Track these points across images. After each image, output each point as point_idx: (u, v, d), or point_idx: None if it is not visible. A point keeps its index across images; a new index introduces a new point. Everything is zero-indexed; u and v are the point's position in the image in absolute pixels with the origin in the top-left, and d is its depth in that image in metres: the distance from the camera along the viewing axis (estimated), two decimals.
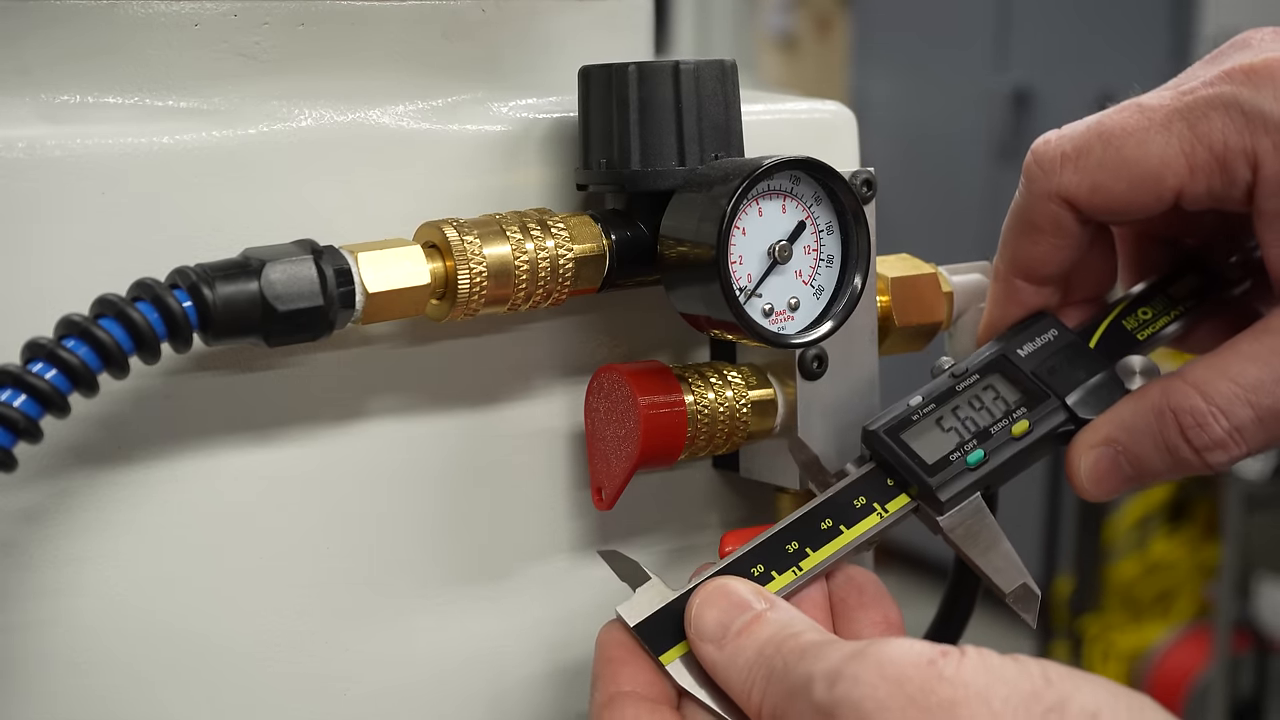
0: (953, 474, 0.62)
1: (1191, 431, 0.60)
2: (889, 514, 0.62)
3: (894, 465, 0.62)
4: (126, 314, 0.51)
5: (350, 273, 0.56)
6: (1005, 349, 0.65)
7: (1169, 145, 0.59)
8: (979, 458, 0.62)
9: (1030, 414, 0.63)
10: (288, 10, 0.59)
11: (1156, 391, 0.61)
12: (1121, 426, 0.62)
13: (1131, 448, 0.62)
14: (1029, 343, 0.65)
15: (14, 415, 0.49)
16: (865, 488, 0.62)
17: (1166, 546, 3.08)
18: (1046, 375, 0.64)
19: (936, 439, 0.62)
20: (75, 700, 0.57)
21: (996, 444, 0.63)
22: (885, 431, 0.62)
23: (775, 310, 0.61)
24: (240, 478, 0.59)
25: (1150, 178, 0.60)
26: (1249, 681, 2.75)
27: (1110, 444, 0.62)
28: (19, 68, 0.58)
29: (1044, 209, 0.62)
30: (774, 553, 0.60)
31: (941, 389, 0.64)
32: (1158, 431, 0.61)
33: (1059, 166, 0.62)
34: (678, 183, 0.61)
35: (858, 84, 4.24)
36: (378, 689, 0.63)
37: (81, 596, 0.56)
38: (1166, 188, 0.60)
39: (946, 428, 0.63)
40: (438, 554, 0.64)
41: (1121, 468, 0.62)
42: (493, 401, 0.64)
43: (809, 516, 0.61)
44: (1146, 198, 0.60)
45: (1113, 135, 0.60)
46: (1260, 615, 2.79)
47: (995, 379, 0.64)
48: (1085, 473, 0.63)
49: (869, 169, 0.66)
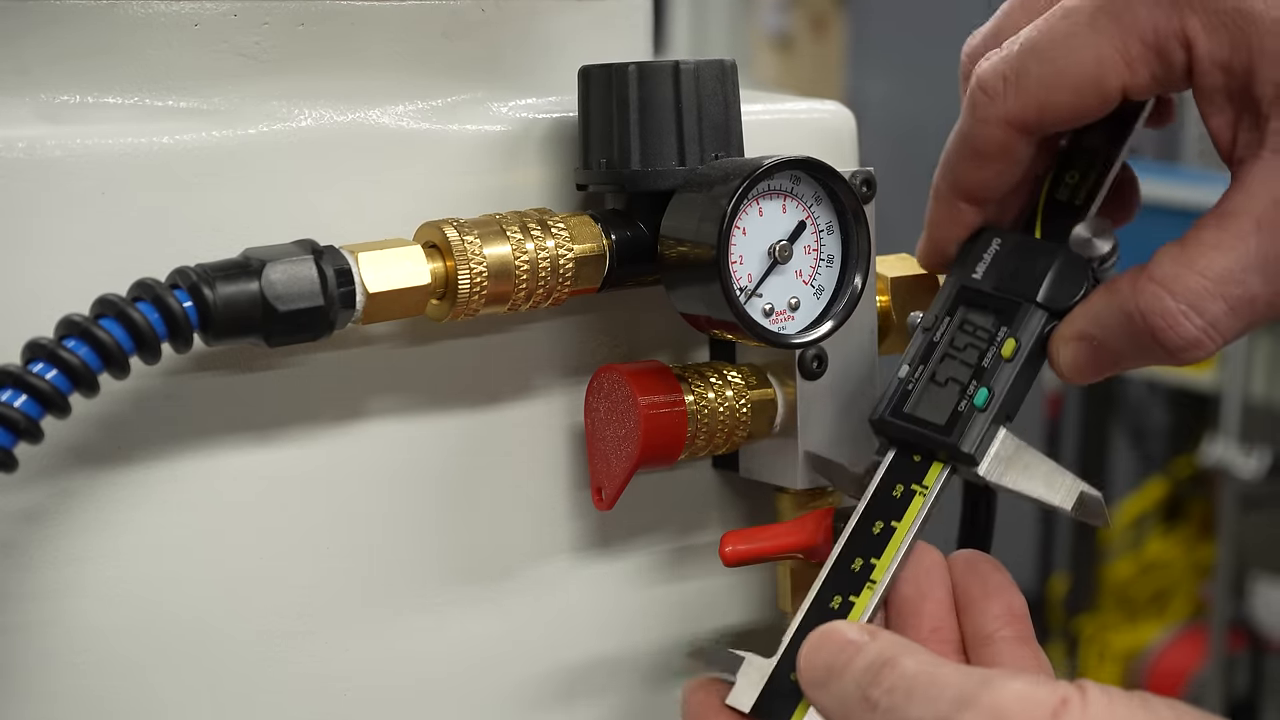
0: (969, 423, 0.61)
1: (1162, 334, 0.58)
2: (930, 489, 0.61)
3: (912, 442, 0.61)
4: (127, 314, 0.51)
5: (351, 273, 0.56)
6: (961, 279, 0.64)
7: (1101, 45, 0.58)
8: (985, 396, 0.61)
9: (1011, 329, 0.62)
10: (288, 10, 0.59)
11: (1126, 289, 0.59)
12: (1095, 322, 0.60)
13: (1107, 343, 0.60)
14: (979, 262, 0.63)
15: (14, 415, 0.49)
16: (897, 475, 0.62)
17: (1162, 546, 3.08)
18: (1009, 283, 0.62)
19: (939, 397, 0.61)
20: (76, 700, 0.57)
21: (994, 374, 0.61)
22: (890, 413, 0.62)
23: (775, 310, 0.61)
24: (240, 478, 0.59)
25: (1091, 82, 0.58)
26: (1244, 681, 2.76)
27: (1086, 338, 0.61)
28: (18, 67, 0.58)
29: (993, 135, 0.61)
30: (842, 577, 0.60)
31: (921, 347, 0.63)
32: (1130, 332, 0.59)
33: (1003, 91, 0.60)
34: (678, 183, 0.61)
35: (853, 84, 4.24)
36: (377, 689, 0.63)
37: (82, 597, 0.56)
38: (1110, 88, 0.58)
39: (943, 381, 0.62)
40: (437, 554, 0.64)
41: (1100, 359, 0.61)
42: (493, 401, 0.64)
43: (859, 527, 0.61)
44: (1092, 101, 0.59)
45: (1044, 48, 0.59)
46: (1255, 615, 2.80)
47: (965, 312, 0.63)
48: (1066, 364, 0.61)
49: (869, 168, 0.66)
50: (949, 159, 0.63)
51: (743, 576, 0.70)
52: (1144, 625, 3.04)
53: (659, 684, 0.60)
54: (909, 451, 0.62)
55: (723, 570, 0.67)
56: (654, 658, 0.68)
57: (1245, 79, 0.57)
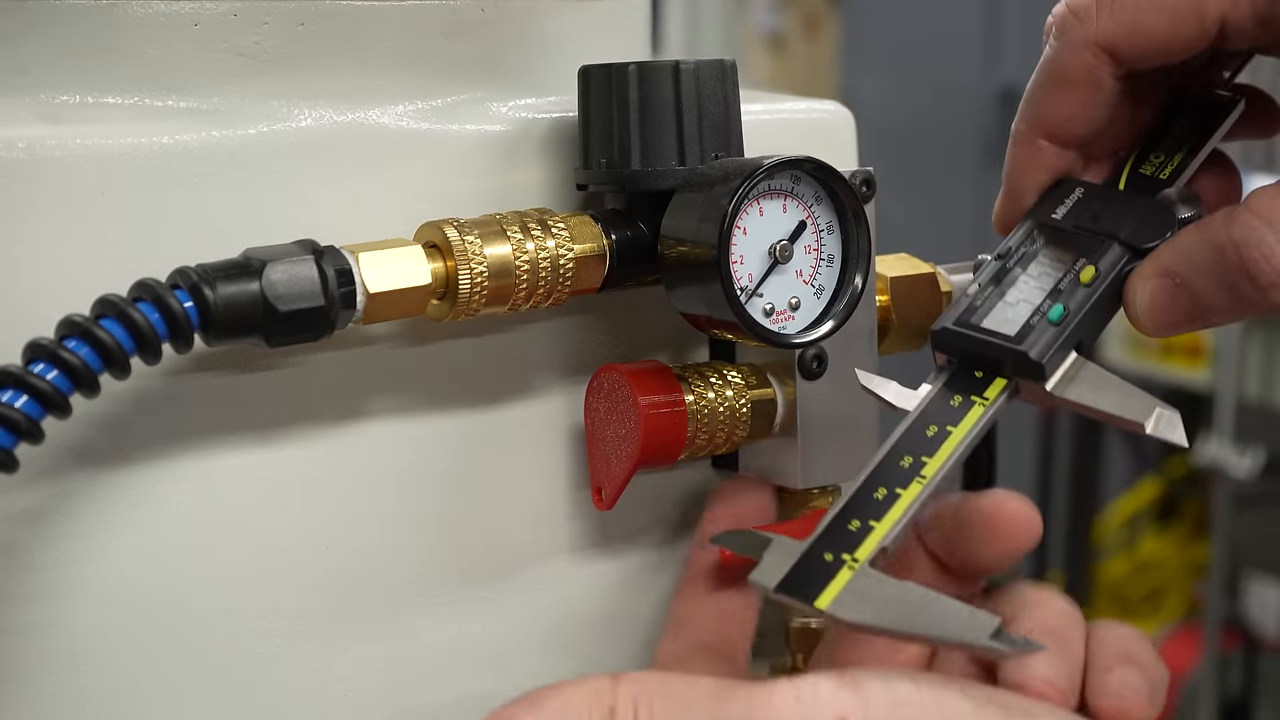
0: (1040, 335, 0.58)
1: (1256, 266, 0.55)
2: (991, 401, 0.58)
3: (978, 353, 0.59)
4: (128, 314, 0.51)
5: (351, 273, 0.56)
6: (1039, 217, 0.61)
7: None
8: (1060, 312, 0.58)
9: (1091, 259, 0.59)
10: (288, 10, 0.59)
11: (1220, 221, 0.56)
12: (1181, 257, 0.57)
13: (1190, 280, 0.57)
14: (1060, 205, 0.61)
15: (15, 416, 0.49)
16: (956, 387, 0.59)
17: (1156, 545, 3.09)
18: (1091, 224, 0.60)
19: (1009, 313, 0.59)
20: (76, 701, 0.57)
21: (1070, 296, 0.59)
22: (956, 323, 0.59)
23: (776, 310, 0.61)
24: (240, 478, 0.59)
25: (1191, 7, 0.56)
26: (1238, 680, 2.76)
27: (1168, 275, 0.57)
28: (18, 67, 0.58)
29: (1079, 59, 0.59)
30: (890, 472, 0.56)
31: (993, 271, 0.61)
32: (1219, 266, 0.55)
33: (1094, 11, 0.58)
34: (678, 182, 0.61)
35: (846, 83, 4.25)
36: (378, 689, 0.63)
37: (82, 598, 0.56)
38: (1209, 17, 0.56)
39: (1014, 301, 0.59)
40: (437, 554, 0.64)
41: (1179, 301, 0.57)
42: (493, 401, 0.64)
43: (913, 427, 0.57)
44: (1190, 31, 0.57)
45: None
46: (1249, 614, 2.80)
47: (1042, 245, 0.61)
48: (1141, 305, 0.58)
49: (868, 168, 0.66)
50: (1030, 94, 0.61)
51: None
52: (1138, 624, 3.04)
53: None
54: (972, 364, 0.59)
55: None
56: (654, 659, 0.68)
57: None
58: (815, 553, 0.54)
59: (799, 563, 0.54)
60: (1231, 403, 2.59)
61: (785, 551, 0.55)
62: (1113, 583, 3.08)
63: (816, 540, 0.55)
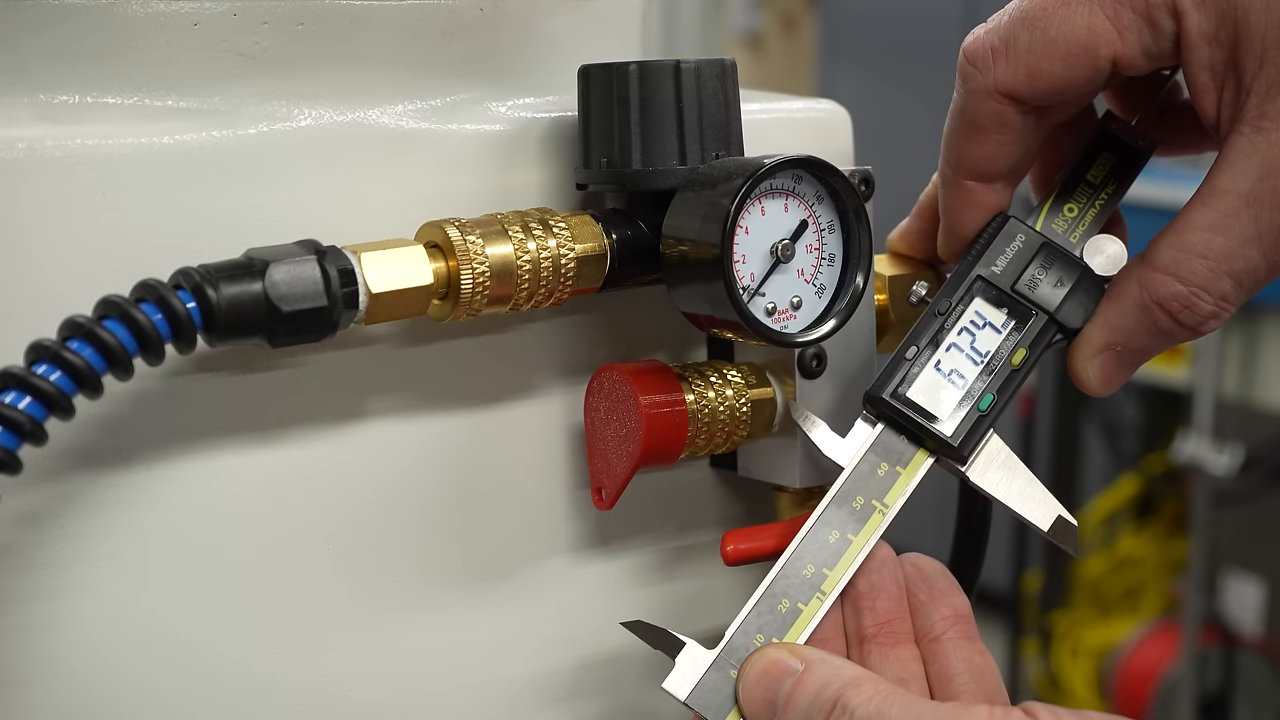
0: (968, 423, 0.61)
1: (1182, 315, 0.61)
2: (912, 474, 0.62)
3: (904, 425, 0.62)
4: (131, 315, 0.51)
5: (354, 273, 0.56)
6: (980, 269, 0.64)
7: (1093, 14, 0.59)
8: (989, 401, 0.62)
9: (1022, 337, 0.63)
10: (287, 10, 0.59)
11: (1134, 288, 0.62)
12: (1116, 330, 0.63)
13: (1129, 344, 0.63)
14: (1001, 255, 0.64)
15: (19, 417, 0.49)
16: (882, 453, 0.62)
17: (1134, 543, 3.09)
18: (1028, 290, 0.63)
19: (942, 391, 0.62)
20: (77, 701, 0.56)
21: (1000, 380, 0.62)
22: (891, 394, 0.62)
23: (778, 309, 0.61)
24: (241, 478, 0.59)
25: (1083, 51, 0.59)
26: (1216, 677, 2.77)
27: (1109, 347, 0.63)
28: (17, 67, 0.57)
29: (984, 106, 0.62)
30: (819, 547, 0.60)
31: (930, 330, 0.63)
32: (1150, 324, 0.62)
33: (991, 61, 0.61)
34: (679, 182, 0.61)
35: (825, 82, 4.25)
36: (378, 689, 0.63)
37: (83, 598, 0.56)
38: (1101, 57, 0.59)
39: (946, 371, 0.62)
40: (438, 554, 0.64)
41: (1124, 363, 0.63)
42: (493, 401, 0.64)
43: (840, 497, 0.61)
44: (1084, 72, 0.60)
45: (1036, 17, 0.60)
46: (1227, 610, 2.81)
47: (979, 304, 0.63)
48: (1094, 379, 0.63)
49: (867, 167, 0.66)
50: (948, 137, 0.64)
51: (742, 575, 0.70)
52: (1116, 622, 3.05)
53: (659, 684, 0.60)
54: (898, 431, 0.62)
55: (722, 569, 0.67)
56: (654, 658, 0.68)
57: (1231, 52, 0.58)
58: (721, 665, 0.59)
59: (708, 675, 0.59)
60: (1210, 400, 2.60)
61: (697, 660, 0.59)
62: (1091, 580, 3.08)
63: (720, 654, 0.59)
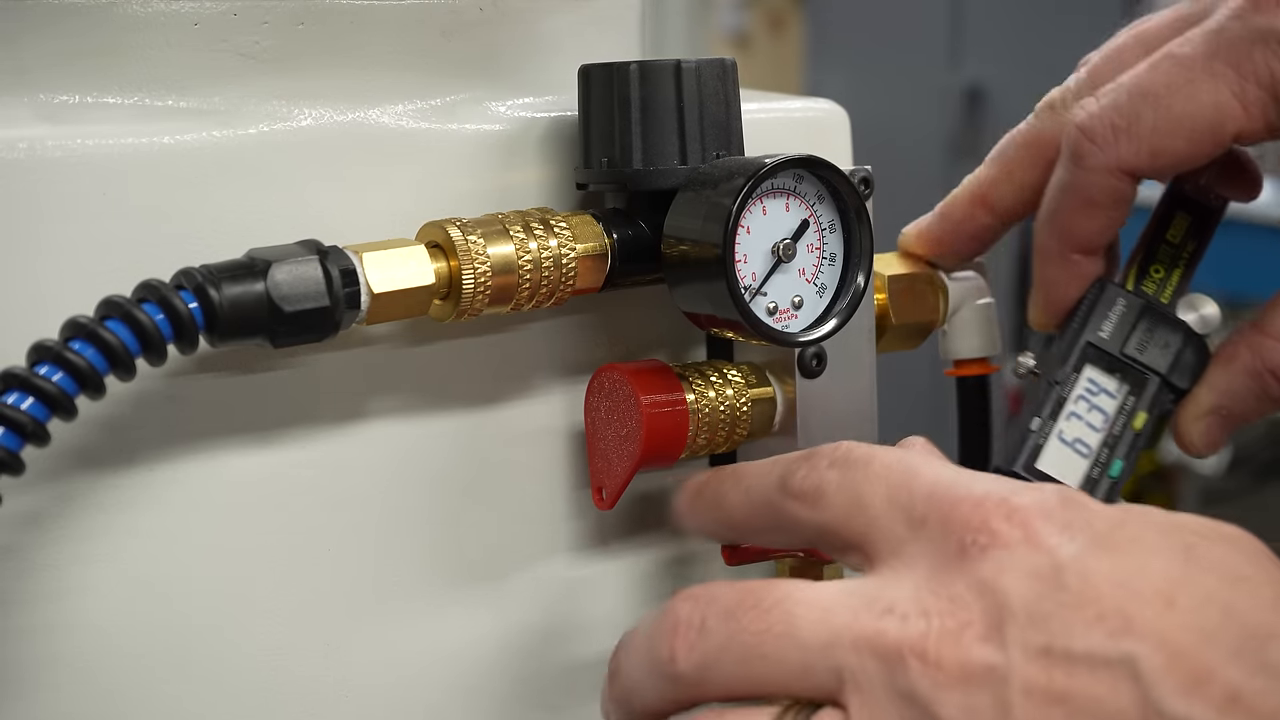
0: (1105, 492, 0.63)
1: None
2: None
3: None
4: (133, 315, 0.51)
5: (355, 273, 0.56)
6: (1089, 336, 0.65)
7: (1219, 91, 0.59)
8: (1120, 468, 0.64)
9: (1139, 400, 0.65)
10: (287, 9, 0.59)
11: (1246, 354, 0.64)
12: (1224, 394, 0.65)
13: (1236, 409, 0.65)
14: (1105, 320, 0.65)
15: (21, 418, 0.49)
16: None
17: None
18: (1137, 354, 0.65)
19: (1068, 459, 0.64)
20: (78, 702, 0.56)
21: (1126, 445, 0.64)
22: (1023, 467, 0.63)
23: (780, 308, 0.61)
24: (242, 479, 0.59)
25: (1209, 128, 0.60)
26: None
27: (1216, 411, 0.65)
28: (17, 67, 0.57)
29: (1104, 184, 0.62)
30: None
31: (1050, 401, 0.65)
32: (1260, 391, 0.64)
33: (1114, 139, 0.61)
34: (679, 182, 0.61)
35: (812, 81, 4.25)
36: (379, 690, 0.62)
37: (84, 600, 0.56)
38: (1226, 133, 0.60)
39: (1070, 440, 0.64)
40: (438, 554, 0.63)
41: (1228, 426, 0.65)
42: (493, 401, 0.64)
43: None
44: (1207, 149, 0.60)
45: (1159, 95, 0.60)
46: None
47: (1091, 372, 0.65)
48: (1199, 441, 0.65)
49: (866, 167, 0.66)
50: (1055, 214, 0.64)
51: (742, 576, 0.70)
52: None
53: None
54: None
55: (723, 569, 0.67)
56: None
57: None
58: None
59: None
60: None
61: None
62: None
63: None
